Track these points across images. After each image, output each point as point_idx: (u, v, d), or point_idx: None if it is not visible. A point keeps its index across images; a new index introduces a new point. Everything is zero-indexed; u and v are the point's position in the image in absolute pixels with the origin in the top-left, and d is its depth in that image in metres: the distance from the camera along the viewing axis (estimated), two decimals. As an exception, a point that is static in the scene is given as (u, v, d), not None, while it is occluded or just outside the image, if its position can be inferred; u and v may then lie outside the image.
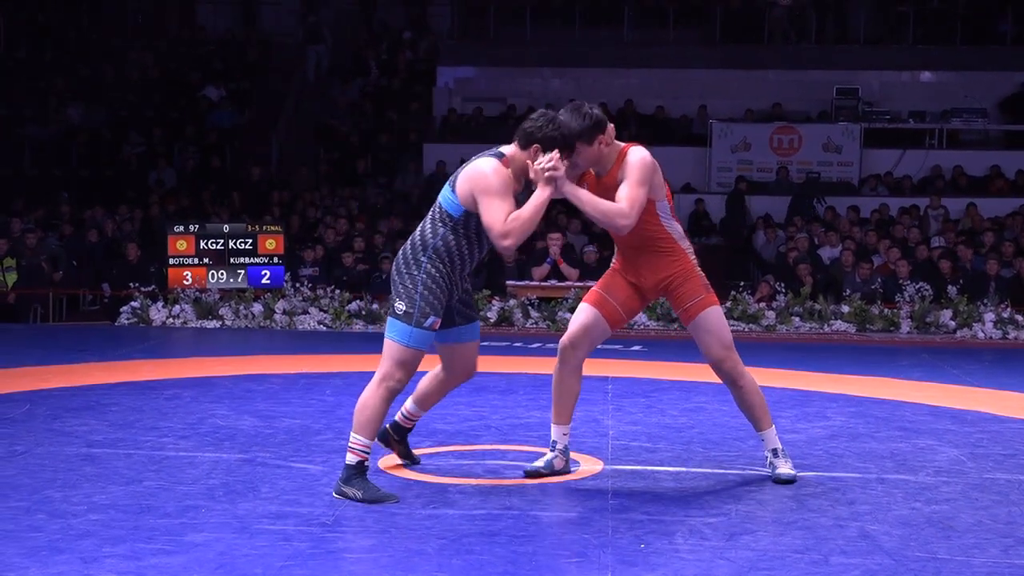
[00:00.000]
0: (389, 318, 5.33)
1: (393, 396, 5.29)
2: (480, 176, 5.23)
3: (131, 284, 13.66)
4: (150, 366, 9.75)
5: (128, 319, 13.38)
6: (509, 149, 5.37)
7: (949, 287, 13.50)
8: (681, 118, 21.20)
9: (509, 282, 14.18)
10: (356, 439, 5.27)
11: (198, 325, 13.17)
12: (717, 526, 4.95)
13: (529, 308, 13.31)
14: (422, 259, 5.30)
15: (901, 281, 13.76)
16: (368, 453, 5.29)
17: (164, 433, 6.74)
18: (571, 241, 15.56)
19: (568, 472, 5.82)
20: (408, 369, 5.28)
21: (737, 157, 19.99)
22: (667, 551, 4.59)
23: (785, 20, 22.56)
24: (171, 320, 13.29)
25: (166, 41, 23.35)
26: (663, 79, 21.65)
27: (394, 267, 5.39)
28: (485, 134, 20.79)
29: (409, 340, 5.24)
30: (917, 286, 13.37)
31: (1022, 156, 19.93)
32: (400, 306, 5.27)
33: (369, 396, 5.28)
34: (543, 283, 14.04)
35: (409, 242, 5.40)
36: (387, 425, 5.82)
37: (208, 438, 6.62)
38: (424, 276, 5.28)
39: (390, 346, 5.28)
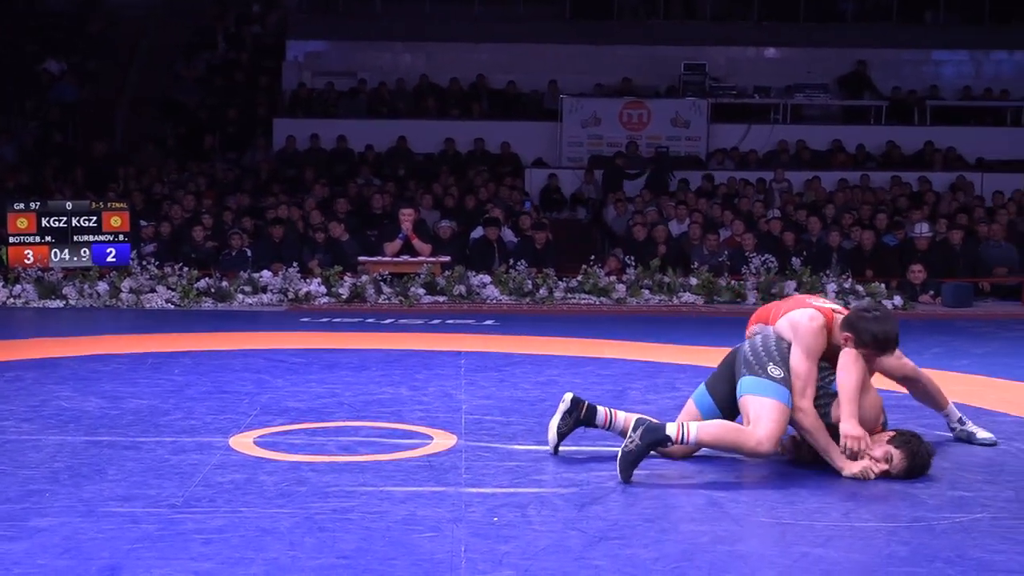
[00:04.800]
0: (765, 380, 5.40)
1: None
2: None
3: (-31, 263, 13.25)
4: (-10, 348, 9.47)
5: (-34, 300, 12.98)
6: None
7: (793, 259, 13.84)
8: (532, 93, 21.30)
9: (361, 258, 14.10)
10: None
11: (40, 305, 12.83)
12: (569, 497, 5.01)
13: (381, 284, 13.26)
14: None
15: (747, 253, 14.06)
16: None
17: (5, 416, 6.56)
18: (423, 216, 15.53)
19: None
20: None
21: (588, 132, 20.17)
22: (520, 523, 4.63)
23: (634, -4, 22.82)
24: (12, 300, 12.93)
25: (1, 11, 22.57)
26: (514, 54, 21.72)
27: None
28: (336, 109, 20.62)
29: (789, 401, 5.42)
30: (762, 258, 13.69)
31: (862, 131, 20.56)
32: (776, 371, 5.42)
33: (743, 448, 5.41)
34: (395, 259, 13.99)
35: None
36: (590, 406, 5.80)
37: (52, 420, 6.46)
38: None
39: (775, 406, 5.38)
